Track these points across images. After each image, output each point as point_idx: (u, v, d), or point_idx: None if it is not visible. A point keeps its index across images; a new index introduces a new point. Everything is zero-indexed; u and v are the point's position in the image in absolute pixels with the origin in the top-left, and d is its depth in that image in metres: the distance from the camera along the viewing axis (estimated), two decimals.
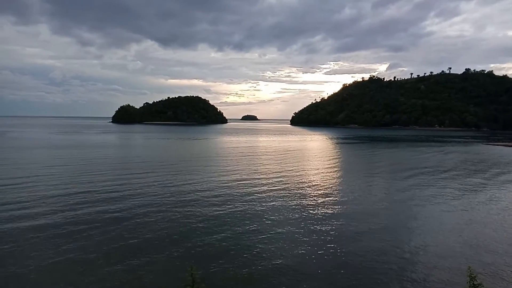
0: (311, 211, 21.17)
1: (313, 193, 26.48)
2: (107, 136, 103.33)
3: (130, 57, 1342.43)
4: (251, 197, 24.63)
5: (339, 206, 22.51)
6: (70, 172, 33.60)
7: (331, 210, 21.50)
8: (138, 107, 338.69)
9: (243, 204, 22.51)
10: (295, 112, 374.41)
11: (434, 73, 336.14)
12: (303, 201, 23.63)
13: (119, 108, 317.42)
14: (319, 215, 20.43)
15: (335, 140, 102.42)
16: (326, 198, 24.71)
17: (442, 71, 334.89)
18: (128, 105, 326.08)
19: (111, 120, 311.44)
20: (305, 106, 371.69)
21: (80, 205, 21.56)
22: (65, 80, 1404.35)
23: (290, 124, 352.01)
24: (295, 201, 23.59)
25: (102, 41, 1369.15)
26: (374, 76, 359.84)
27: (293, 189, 27.58)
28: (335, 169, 40.37)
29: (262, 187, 28.11)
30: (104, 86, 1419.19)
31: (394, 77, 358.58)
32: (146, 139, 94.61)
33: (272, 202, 23.32)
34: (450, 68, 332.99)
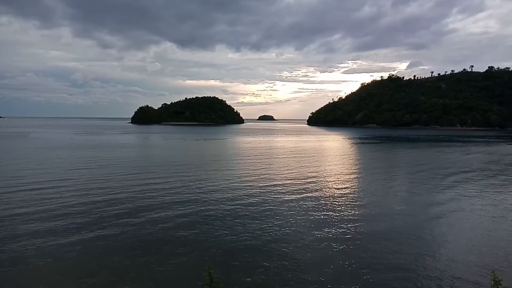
0: (329, 214, 21.13)
1: (332, 196, 26.43)
2: (127, 137, 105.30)
3: (149, 59, 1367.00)
4: (270, 200, 24.73)
5: (359, 210, 22.35)
6: (93, 174, 34.37)
7: (351, 213, 21.38)
8: (156, 108, 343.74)
9: (262, 207, 22.65)
10: (312, 112, 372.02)
11: (456, 71, 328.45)
12: (322, 205, 23.58)
13: (138, 109, 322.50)
14: (337, 218, 20.36)
15: (354, 140, 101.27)
16: (345, 202, 24.59)
17: (464, 69, 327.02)
18: (147, 106, 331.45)
19: (130, 121, 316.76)
20: (322, 106, 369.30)
21: (103, 206, 22.13)
22: (87, 82, 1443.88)
23: (307, 124, 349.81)
24: (314, 206, 23.55)
25: (122, 43, 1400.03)
26: (393, 75, 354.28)
27: (313, 193, 27.50)
28: (354, 170, 40.03)
29: (282, 190, 28.10)
30: (124, 87, 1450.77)
31: (414, 76, 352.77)
32: (165, 139, 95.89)
33: (292, 207, 23.32)
34: (472, 66, 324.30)
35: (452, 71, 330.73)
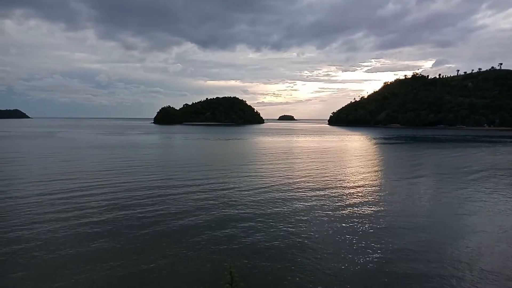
0: (351, 215, 20.92)
1: (356, 198, 26.16)
2: (150, 137, 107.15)
3: (171, 60, 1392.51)
4: (295, 203, 24.67)
5: (383, 213, 21.97)
6: (120, 178, 34.87)
7: (373, 214, 21.08)
8: (178, 108, 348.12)
9: (287, 209, 22.66)
10: (333, 112, 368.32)
11: (483, 69, 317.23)
12: (345, 206, 23.39)
13: (160, 110, 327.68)
14: (359, 219, 20.13)
15: (377, 141, 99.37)
16: (368, 203, 24.30)
17: (492, 67, 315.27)
18: (169, 106, 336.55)
19: (152, 121, 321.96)
20: (343, 106, 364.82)
21: (128, 205, 22.64)
22: (111, 83, 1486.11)
23: (328, 124, 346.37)
24: (337, 206, 23.38)
25: (145, 44, 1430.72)
26: (417, 74, 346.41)
27: (335, 194, 27.30)
28: (378, 173, 39.39)
29: (308, 194, 27.91)
30: (147, 88, 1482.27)
31: (439, 75, 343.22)
32: (187, 140, 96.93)
33: (314, 208, 23.20)
34: (501, 64, 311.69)
35: (479, 69, 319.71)
